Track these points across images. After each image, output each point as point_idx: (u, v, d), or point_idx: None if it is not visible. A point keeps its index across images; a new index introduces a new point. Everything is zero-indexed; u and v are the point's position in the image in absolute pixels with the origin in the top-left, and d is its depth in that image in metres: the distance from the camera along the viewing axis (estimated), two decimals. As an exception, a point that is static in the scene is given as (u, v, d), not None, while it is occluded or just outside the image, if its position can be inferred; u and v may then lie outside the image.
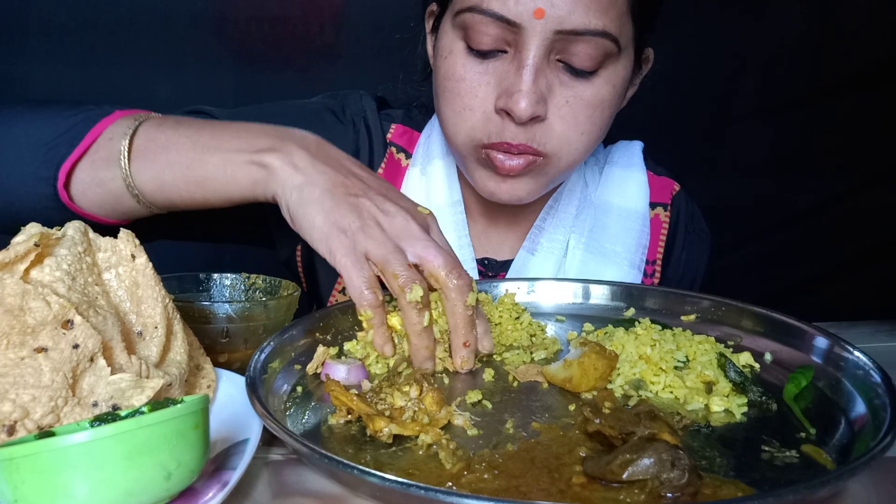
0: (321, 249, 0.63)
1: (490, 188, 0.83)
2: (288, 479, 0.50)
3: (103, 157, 0.70)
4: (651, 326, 0.70)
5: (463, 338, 0.63)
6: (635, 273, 0.96)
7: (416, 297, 0.61)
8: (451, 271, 0.62)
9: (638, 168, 1.00)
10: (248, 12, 1.58)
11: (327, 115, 0.95)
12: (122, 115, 0.72)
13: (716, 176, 1.82)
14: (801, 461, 0.50)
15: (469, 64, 0.78)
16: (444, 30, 0.81)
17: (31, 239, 0.49)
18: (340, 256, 0.62)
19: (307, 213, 0.64)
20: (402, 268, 0.61)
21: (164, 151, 0.69)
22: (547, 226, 0.95)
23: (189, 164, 0.69)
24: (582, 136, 0.80)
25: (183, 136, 0.70)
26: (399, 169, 0.97)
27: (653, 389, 0.61)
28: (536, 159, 0.80)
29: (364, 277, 0.62)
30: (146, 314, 0.56)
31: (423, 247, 0.63)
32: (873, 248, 1.94)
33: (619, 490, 0.44)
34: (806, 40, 1.79)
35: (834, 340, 0.64)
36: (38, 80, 1.51)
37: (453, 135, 0.83)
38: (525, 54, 0.74)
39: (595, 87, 0.78)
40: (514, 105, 0.75)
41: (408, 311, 0.61)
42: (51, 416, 0.45)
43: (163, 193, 0.71)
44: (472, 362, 0.65)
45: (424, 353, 0.63)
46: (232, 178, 0.68)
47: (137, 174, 0.69)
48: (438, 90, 0.83)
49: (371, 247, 0.62)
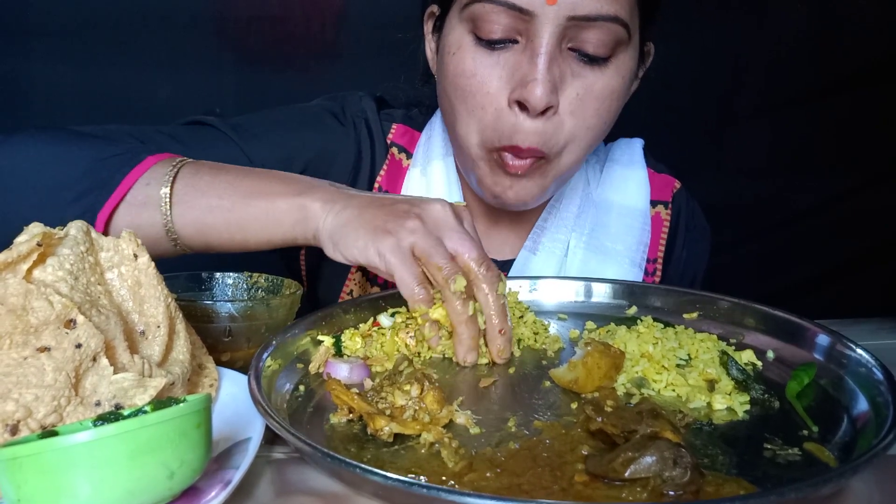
0: (371, 256, 0.64)
1: (496, 192, 0.83)
2: (290, 477, 0.50)
3: (140, 202, 0.70)
4: (653, 324, 0.70)
5: (498, 326, 0.65)
6: (636, 271, 0.95)
7: (460, 287, 0.63)
8: (481, 263, 0.64)
9: (639, 166, 1.00)
10: (249, 12, 1.58)
11: (328, 117, 0.94)
12: (156, 160, 0.72)
13: (717, 175, 1.82)
14: (804, 459, 0.50)
15: (479, 57, 0.78)
16: (451, 26, 0.81)
17: (34, 238, 0.49)
18: (390, 256, 0.63)
19: (350, 231, 0.65)
20: (445, 260, 0.63)
21: (204, 197, 0.70)
22: (549, 225, 0.95)
23: (231, 207, 0.69)
24: (588, 130, 0.80)
25: (223, 181, 0.71)
26: (400, 170, 0.97)
27: (655, 387, 0.61)
28: (540, 160, 0.80)
29: (414, 274, 0.63)
30: (149, 313, 0.56)
31: (459, 238, 0.65)
32: (874, 247, 1.94)
33: (622, 488, 0.44)
34: (807, 40, 1.78)
35: (836, 338, 0.64)
36: (38, 80, 1.51)
37: (464, 136, 0.82)
38: (538, 42, 0.74)
39: (606, 77, 0.78)
40: (530, 94, 0.74)
41: (453, 301, 0.63)
42: (54, 416, 0.45)
43: (202, 237, 0.71)
44: (508, 351, 0.66)
45: (470, 343, 0.64)
46: (274, 220, 0.69)
47: (178, 218, 0.70)
48: (449, 89, 0.82)
49: (415, 240, 0.63)
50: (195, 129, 0.87)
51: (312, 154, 0.91)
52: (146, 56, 1.53)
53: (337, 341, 0.68)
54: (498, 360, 0.66)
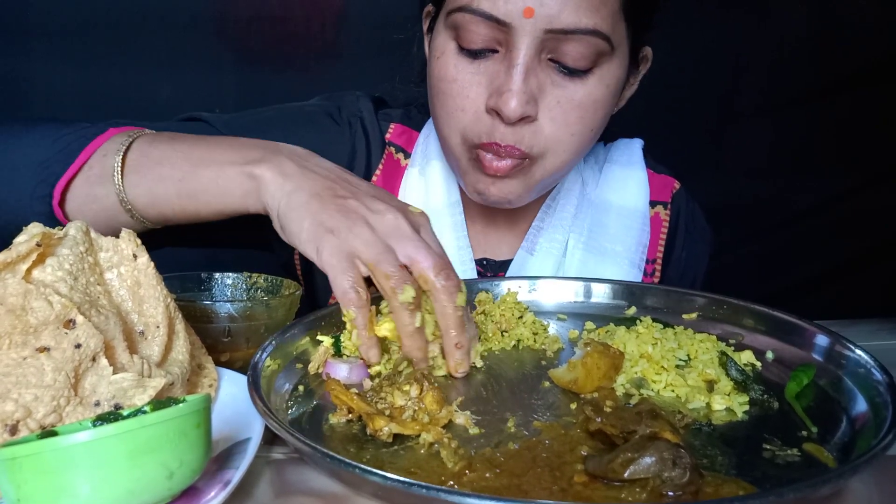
0: (309, 250, 0.62)
1: (479, 189, 0.83)
2: (290, 478, 0.50)
3: (97, 173, 0.71)
4: (652, 325, 0.70)
5: (454, 339, 0.62)
6: (635, 272, 0.95)
7: (408, 298, 0.60)
8: (439, 272, 0.61)
9: (638, 166, 1.00)
10: (249, 12, 1.58)
11: (324, 117, 0.94)
12: (116, 132, 0.73)
13: (717, 175, 1.82)
14: (803, 459, 0.50)
15: (461, 64, 0.78)
16: (438, 30, 0.81)
17: (33, 239, 0.49)
18: (327, 256, 0.61)
19: (295, 217, 0.63)
20: (394, 268, 0.61)
21: (156, 166, 0.70)
22: (545, 226, 0.95)
23: (181, 177, 0.69)
24: (572, 137, 0.79)
25: (176, 150, 0.71)
26: (398, 168, 0.97)
27: (654, 388, 0.61)
28: (522, 162, 0.79)
29: (349, 276, 0.60)
30: (148, 314, 0.56)
31: (413, 247, 0.62)
32: (874, 248, 1.94)
33: (621, 489, 0.44)
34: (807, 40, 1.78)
35: (835, 339, 0.64)
36: (38, 80, 1.51)
37: (447, 136, 0.83)
38: (515, 54, 0.74)
39: (588, 87, 0.77)
40: (504, 105, 0.75)
41: (399, 312, 0.61)
42: (53, 416, 0.45)
43: (155, 207, 0.71)
44: (466, 366, 0.64)
45: (417, 355, 0.62)
46: (224, 190, 0.68)
47: (130, 189, 0.70)
48: (432, 91, 0.83)
49: (360, 246, 0.61)
50: (190, 125, 0.87)
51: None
52: (146, 56, 1.53)
53: (336, 341, 0.68)
54: (455, 373, 0.63)
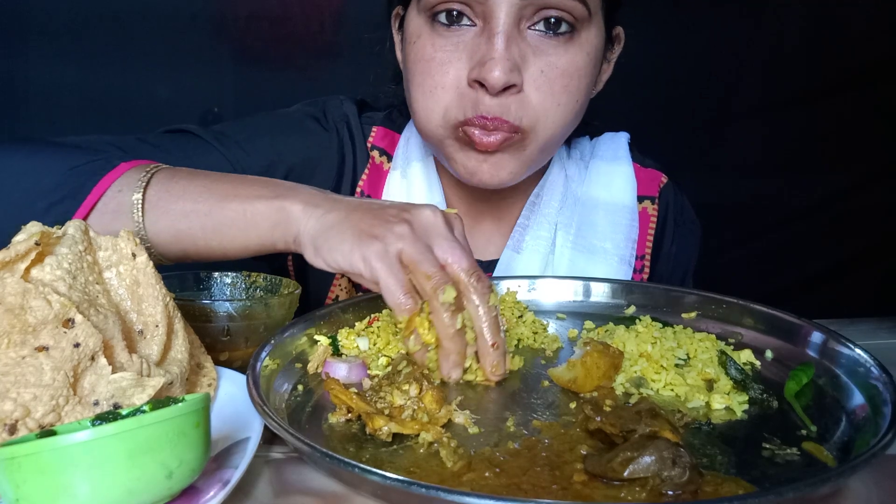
0: (355, 262, 0.60)
1: (471, 168, 0.81)
2: (289, 477, 0.50)
3: (112, 209, 0.68)
4: (652, 324, 0.70)
5: (491, 340, 0.61)
6: (625, 269, 0.94)
7: (449, 298, 0.59)
8: (472, 274, 0.61)
9: (624, 161, 0.99)
10: (248, 11, 1.58)
11: (310, 122, 0.93)
12: (129, 166, 0.71)
13: (715, 174, 1.82)
14: (802, 458, 0.50)
15: (438, 42, 0.78)
16: (410, 19, 0.81)
17: (32, 238, 0.49)
18: (375, 262, 0.59)
19: (335, 234, 0.62)
20: (435, 268, 0.59)
21: (179, 201, 0.68)
22: (531, 223, 0.94)
23: (208, 211, 0.67)
24: (559, 107, 0.79)
25: (199, 185, 0.68)
26: (381, 173, 0.96)
27: (654, 387, 0.61)
28: (513, 136, 0.78)
29: (401, 283, 0.59)
30: (147, 313, 0.55)
31: (450, 247, 0.61)
32: (872, 246, 1.94)
33: (621, 488, 0.44)
34: (804, 39, 1.79)
35: (835, 338, 0.64)
36: (38, 80, 1.51)
37: (426, 120, 0.81)
38: (494, 23, 0.74)
39: (570, 53, 0.78)
40: (488, 73, 0.74)
41: (440, 313, 0.59)
42: (52, 415, 0.45)
43: (178, 244, 0.69)
44: (503, 367, 0.62)
45: (455, 359, 0.61)
46: (252, 223, 0.66)
47: (151, 225, 0.68)
48: (409, 75, 0.82)
49: (403, 246, 0.60)
50: (177, 137, 0.86)
51: (296, 160, 0.90)
52: (145, 56, 1.53)
53: (335, 341, 0.68)
54: (492, 377, 0.61)
